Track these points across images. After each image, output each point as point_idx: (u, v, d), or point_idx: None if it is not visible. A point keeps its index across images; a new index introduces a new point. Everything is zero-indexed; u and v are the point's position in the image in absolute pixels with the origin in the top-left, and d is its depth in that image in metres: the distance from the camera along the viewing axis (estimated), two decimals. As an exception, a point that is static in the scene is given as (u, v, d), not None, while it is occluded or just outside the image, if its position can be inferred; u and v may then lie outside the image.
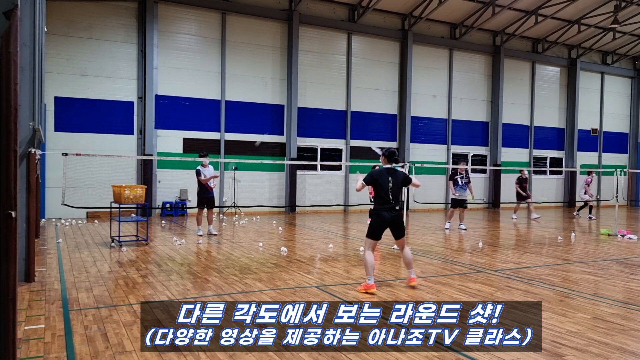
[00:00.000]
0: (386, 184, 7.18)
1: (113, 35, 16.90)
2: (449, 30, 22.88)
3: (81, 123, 16.51)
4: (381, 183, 7.17)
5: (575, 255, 10.60)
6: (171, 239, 11.76)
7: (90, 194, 16.24)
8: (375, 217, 7.22)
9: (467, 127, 23.53)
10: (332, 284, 7.57)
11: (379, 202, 7.19)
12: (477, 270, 8.81)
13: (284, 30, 19.43)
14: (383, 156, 7.41)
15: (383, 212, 7.13)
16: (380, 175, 7.22)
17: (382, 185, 7.16)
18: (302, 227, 15.10)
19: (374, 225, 7.22)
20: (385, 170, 7.31)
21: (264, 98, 19.23)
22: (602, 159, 27.68)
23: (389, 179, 7.20)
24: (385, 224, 7.17)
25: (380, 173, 7.25)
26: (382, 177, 7.21)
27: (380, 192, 7.17)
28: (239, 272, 8.30)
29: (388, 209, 7.15)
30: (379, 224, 7.18)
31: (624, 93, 28.40)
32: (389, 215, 7.13)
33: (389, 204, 7.15)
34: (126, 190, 10.67)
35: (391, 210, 7.15)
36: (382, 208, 7.15)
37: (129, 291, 6.89)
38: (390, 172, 7.27)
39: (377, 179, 7.21)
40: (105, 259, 9.24)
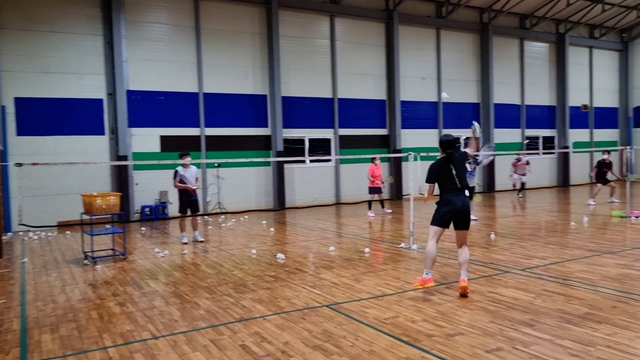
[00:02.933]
0: (449, 173, 6.57)
1: (76, 28, 15.43)
2: (435, 8, 21.79)
3: (46, 125, 15.07)
4: (443, 173, 6.59)
5: (601, 245, 9.67)
6: (152, 250, 10.54)
7: (61, 202, 14.89)
8: (445, 204, 6.52)
9: (458, 109, 22.55)
10: (344, 300, 6.48)
11: (447, 189, 6.56)
12: (501, 270, 7.81)
13: (262, 15, 18.13)
14: (439, 145, 6.74)
15: (453, 198, 6.48)
16: (439, 167, 6.64)
17: (446, 175, 6.57)
18: (295, 226, 13.98)
19: (442, 212, 6.53)
20: (443, 159, 6.66)
21: (245, 88, 17.96)
22: (594, 135, 27.00)
23: (450, 167, 6.58)
24: (455, 210, 6.47)
25: (439, 164, 6.66)
26: (441, 167, 6.62)
27: (445, 182, 6.58)
28: (233, 290, 7.16)
29: (458, 195, 6.49)
30: (448, 210, 6.49)
31: (612, 67, 27.70)
32: (461, 202, 6.47)
33: (457, 190, 6.52)
34: (98, 200, 9.41)
35: (462, 197, 6.50)
36: (452, 194, 6.50)
37: (104, 327, 5.71)
38: (448, 160, 6.61)
39: (438, 172, 6.64)
40: (76, 282, 8.01)
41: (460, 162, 6.65)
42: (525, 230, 11.85)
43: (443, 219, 6.50)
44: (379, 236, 11.90)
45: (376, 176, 15.31)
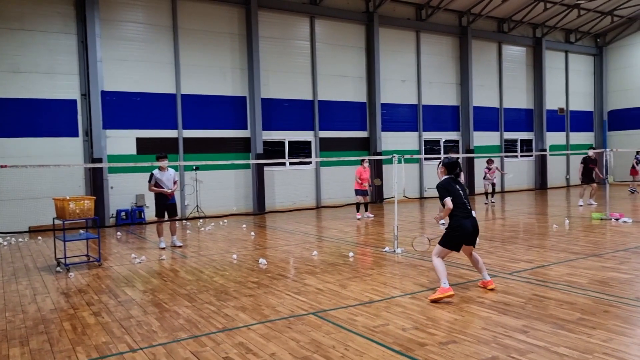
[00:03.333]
0: (459, 192, 6.67)
1: (48, 26, 14.92)
2: (415, 11, 21.77)
3: (17, 127, 14.51)
4: (455, 192, 6.63)
5: (584, 247, 9.64)
6: (129, 256, 10.16)
7: (32, 206, 14.35)
8: (458, 229, 6.56)
9: (438, 112, 22.57)
10: (331, 307, 6.26)
11: (459, 211, 6.57)
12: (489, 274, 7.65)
13: (241, 15, 17.83)
14: (443, 166, 6.84)
15: (465, 222, 6.55)
16: (450, 185, 6.70)
17: (457, 194, 6.62)
18: (276, 230, 13.71)
19: (455, 236, 6.58)
20: (450, 179, 6.79)
21: (224, 90, 17.62)
22: (570, 138, 27.33)
23: (457, 187, 6.72)
24: (468, 235, 6.60)
25: (449, 183, 6.73)
26: (452, 186, 6.69)
27: (457, 202, 6.59)
28: (215, 298, 6.87)
29: (468, 216, 6.60)
30: (461, 235, 6.56)
31: (587, 71, 28.10)
32: (472, 225, 6.60)
33: (469, 212, 6.63)
34: (71, 204, 9.01)
35: (471, 218, 6.63)
36: (463, 216, 6.57)
37: (78, 339, 5.38)
38: (455, 181, 6.80)
39: (452, 190, 6.65)
40: (48, 291, 7.62)
41: (464, 186, 6.80)
42: (508, 233, 11.80)
43: (456, 243, 6.57)
44: (362, 240, 11.71)
45: (364, 179, 15.12)
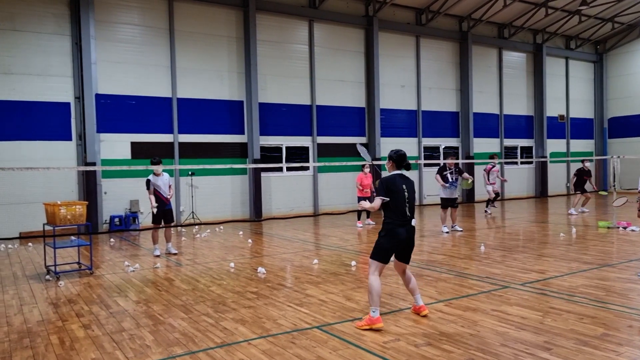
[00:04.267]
0: (402, 194, 5.67)
1: (41, 26, 14.53)
2: (415, 15, 21.51)
3: (8, 129, 14.08)
4: (397, 192, 5.64)
5: (595, 257, 9.30)
6: (122, 264, 9.74)
7: (23, 211, 13.93)
8: (389, 235, 5.64)
9: (438, 118, 22.27)
10: (336, 320, 5.88)
11: (394, 215, 5.64)
12: (500, 285, 7.32)
13: (239, 18, 17.50)
14: (390, 160, 5.88)
15: (399, 229, 5.63)
16: (394, 184, 5.69)
17: (399, 195, 5.65)
18: (274, 237, 13.32)
19: (384, 245, 5.65)
20: (398, 176, 5.78)
21: (220, 94, 17.26)
22: (570, 145, 27.09)
23: (403, 187, 5.70)
24: (400, 244, 5.67)
25: (393, 180, 5.72)
26: (395, 185, 5.67)
27: (395, 204, 5.63)
28: (212, 309, 6.48)
29: (404, 224, 5.64)
30: (392, 244, 5.66)
31: (587, 78, 27.90)
32: (405, 232, 5.65)
33: (405, 218, 5.65)
34: (62, 209, 8.61)
35: (407, 227, 5.66)
36: (398, 223, 5.62)
37: (65, 355, 4.98)
38: (402, 179, 5.78)
39: (392, 188, 5.65)
40: (36, 301, 7.20)
41: (413, 187, 5.84)
42: (514, 242, 11.45)
43: (386, 253, 5.63)
44: (363, 248, 11.33)
45: (365, 185, 14.74)
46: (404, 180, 5.77)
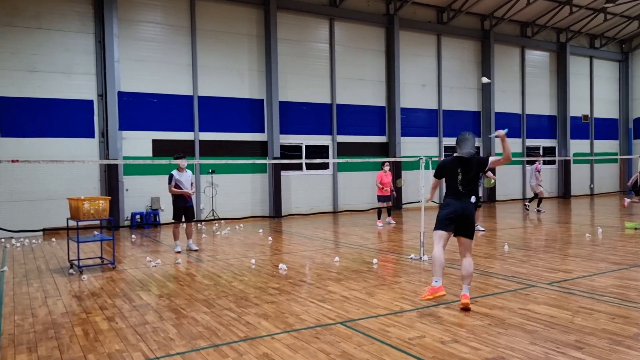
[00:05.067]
0: (455, 174, 6.15)
1: (66, 25, 14.71)
2: (436, 14, 21.32)
3: (32, 126, 14.28)
4: (448, 174, 6.21)
5: (624, 257, 9.07)
6: (144, 259, 9.79)
7: (46, 207, 14.09)
8: (444, 205, 6.16)
9: (459, 118, 22.03)
10: (360, 316, 5.80)
11: (449, 192, 6.22)
12: (526, 284, 7.16)
13: (260, 16, 17.52)
14: (456, 143, 6.32)
15: (452, 200, 6.12)
16: (446, 165, 6.28)
17: (451, 175, 6.18)
18: (294, 235, 13.28)
19: (442, 214, 6.13)
20: (454, 159, 6.23)
21: (241, 92, 17.29)
22: (594, 146, 26.60)
23: (458, 170, 6.15)
24: (454, 213, 6.03)
25: (448, 163, 6.30)
26: (449, 166, 6.23)
27: (450, 183, 6.22)
28: (234, 304, 6.45)
29: (458, 198, 6.10)
30: (447, 212, 6.08)
31: (612, 77, 27.38)
32: (461, 205, 6.04)
33: (461, 195, 6.11)
34: (85, 204, 8.67)
35: (462, 200, 6.07)
36: (452, 197, 6.15)
37: (90, 346, 4.98)
38: (460, 161, 6.17)
39: (443, 170, 6.30)
40: (59, 294, 7.25)
41: (474, 166, 6.13)
42: (539, 242, 11.25)
43: (444, 222, 6.06)
44: (384, 247, 11.23)
45: (385, 183, 14.62)
46: (462, 163, 6.11)
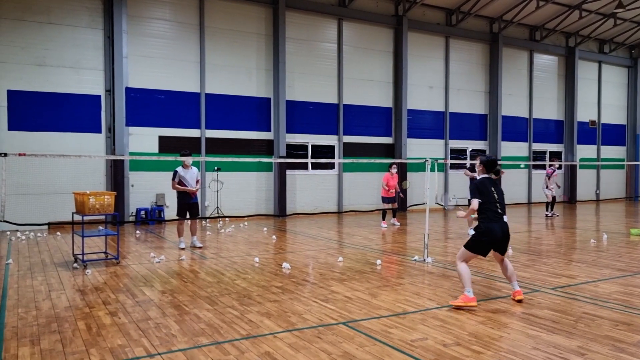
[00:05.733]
0: (492, 195, 6.33)
1: (75, 20, 14.79)
2: (445, 16, 21.29)
3: (40, 120, 14.37)
4: (487, 194, 6.31)
5: (629, 264, 9.02)
6: (148, 255, 9.83)
7: (52, 201, 14.16)
8: (486, 233, 6.21)
9: (465, 120, 22.00)
10: (362, 317, 5.80)
11: (489, 214, 6.25)
12: (530, 288, 7.14)
13: (268, 15, 17.55)
14: (481, 165, 6.49)
15: (494, 225, 6.20)
16: (484, 186, 6.38)
17: (489, 196, 6.30)
18: (298, 235, 13.29)
19: (482, 241, 6.24)
20: (486, 180, 6.46)
21: (248, 90, 17.32)
22: (601, 152, 26.48)
23: (492, 190, 6.38)
24: (496, 241, 6.24)
25: (483, 183, 6.41)
26: (486, 187, 6.37)
27: (487, 204, 6.27)
28: (237, 302, 6.46)
29: (497, 220, 6.24)
30: (489, 241, 6.21)
31: (621, 83, 27.25)
32: (500, 228, 6.22)
33: (497, 216, 6.26)
34: (91, 199, 8.71)
35: (501, 222, 6.26)
36: (493, 220, 6.21)
37: (92, 341, 5.00)
38: (491, 182, 6.46)
39: (483, 190, 6.35)
40: (63, 287, 7.29)
41: (500, 189, 6.46)
42: (543, 247, 11.21)
43: (482, 248, 6.24)
44: (388, 248, 11.21)
45: (391, 185, 14.63)
46: (492, 183, 6.39)
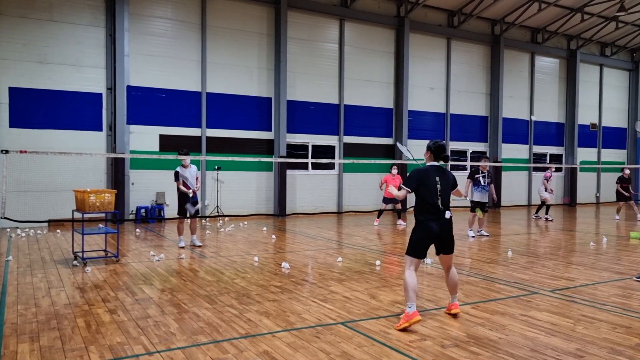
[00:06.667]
0: (434, 186, 5.59)
1: (77, 18, 14.80)
2: (447, 17, 21.30)
3: (41, 118, 14.39)
4: (428, 185, 5.58)
5: (628, 267, 9.02)
6: (147, 253, 9.84)
7: (52, 199, 14.18)
8: (420, 229, 5.59)
9: (466, 122, 22.01)
10: (361, 317, 5.81)
11: (424, 209, 5.59)
12: (529, 291, 7.15)
13: (270, 15, 17.56)
14: (428, 151, 5.81)
15: (430, 223, 5.55)
16: (425, 176, 5.63)
17: (429, 188, 5.58)
18: (298, 235, 13.30)
19: (416, 239, 5.60)
20: (431, 168, 5.72)
21: (249, 90, 17.33)
22: (602, 155, 26.48)
23: (437, 179, 5.63)
24: (431, 237, 5.59)
25: (426, 172, 5.67)
26: (428, 177, 5.62)
27: (425, 197, 5.57)
28: (236, 301, 6.48)
29: (436, 218, 5.56)
30: (423, 237, 5.58)
31: (622, 86, 27.26)
32: (437, 226, 5.55)
33: (438, 211, 5.56)
34: (91, 196, 8.72)
35: (440, 220, 5.57)
36: (429, 217, 5.55)
37: (91, 338, 5.01)
38: (438, 171, 5.72)
39: (423, 180, 5.59)
40: (63, 285, 7.30)
41: (450, 181, 5.75)
42: (542, 249, 11.22)
43: (419, 247, 5.55)
44: (388, 248, 11.23)
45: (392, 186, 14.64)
46: (439, 172, 5.69)
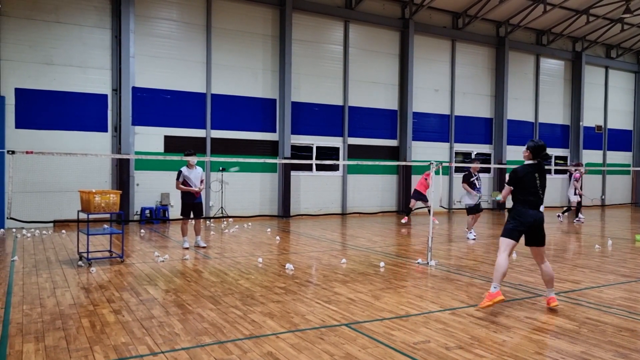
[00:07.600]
0: (533, 183, 6.18)
1: (83, 19, 14.87)
2: (452, 19, 21.28)
3: (47, 119, 14.45)
4: (527, 182, 6.16)
5: (634, 270, 8.98)
6: (152, 254, 9.87)
7: (58, 199, 14.24)
8: (517, 219, 6.15)
9: (471, 124, 21.97)
10: (365, 319, 5.81)
11: (523, 202, 6.17)
12: (533, 293, 7.13)
13: (275, 16, 17.59)
14: (527, 150, 6.25)
15: (528, 212, 6.13)
16: (526, 174, 6.18)
17: (529, 185, 6.16)
18: (302, 236, 13.31)
19: (513, 226, 6.18)
20: (531, 167, 6.24)
21: (254, 91, 17.36)
22: (607, 157, 26.38)
23: (536, 176, 6.20)
24: (525, 226, 6.14)
25: (526, 171, 6.20)
26: (528, 175, 6.17)
27: (525, 193, 6.17)
28: (240, 302, 6.48)
29: (534, 207, 6.16)
30: (520, 222, 6.13)
31: (627, 88, 27.16)
32: (534, 215, 6.13)
33: (535, 205, 6.18)
34: (96, 197, 8.75)
35: (537, 213, 6.17)
36: (527, 209, 6.15)
37: (96, 338, 5.03)
38: (537, 169, 6.24)
39: (523, 178, 6.18)
40: (68, 285, 7.33)
41: (545, 177, 6.30)
42: (548, 251, 11.15)
43: (515, 232, 6.14)
44: (392, 250, 11.22)
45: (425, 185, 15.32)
46: (540, 170, 6.19)
